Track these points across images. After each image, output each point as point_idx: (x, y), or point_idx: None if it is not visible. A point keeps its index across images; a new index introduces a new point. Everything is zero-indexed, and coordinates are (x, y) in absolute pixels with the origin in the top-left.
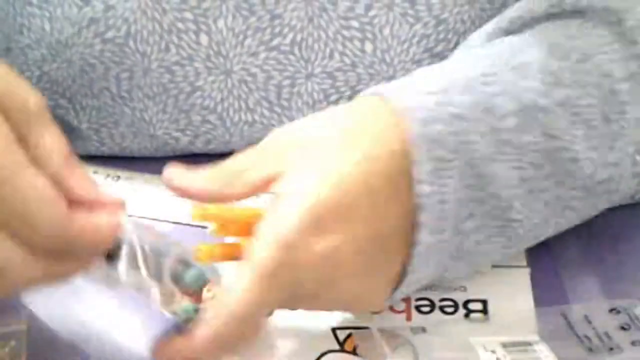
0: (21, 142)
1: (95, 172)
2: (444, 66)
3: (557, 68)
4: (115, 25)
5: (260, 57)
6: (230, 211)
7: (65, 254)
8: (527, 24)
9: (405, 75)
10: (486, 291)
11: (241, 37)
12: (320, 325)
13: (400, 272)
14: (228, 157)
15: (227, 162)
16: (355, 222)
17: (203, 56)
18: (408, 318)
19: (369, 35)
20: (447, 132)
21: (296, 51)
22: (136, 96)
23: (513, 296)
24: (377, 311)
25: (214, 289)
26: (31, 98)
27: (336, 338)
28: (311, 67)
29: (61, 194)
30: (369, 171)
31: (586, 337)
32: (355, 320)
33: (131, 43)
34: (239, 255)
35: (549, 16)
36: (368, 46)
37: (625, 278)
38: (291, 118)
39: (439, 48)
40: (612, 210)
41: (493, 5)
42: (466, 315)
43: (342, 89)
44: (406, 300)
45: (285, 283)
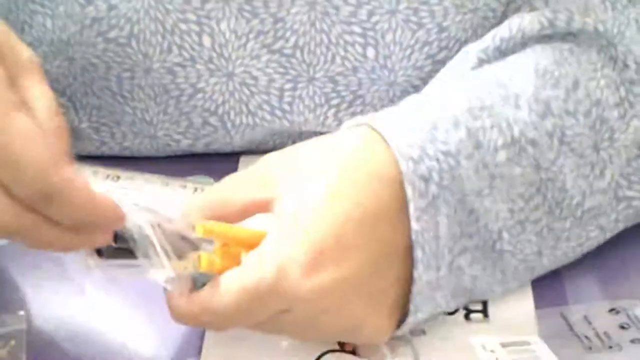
0: (12, 88)
1: (95, 172)
2: (433, 99)
3: (547, 97)
4: (118, 24)
5: (262, 60)
6: (233, 230)
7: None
8: (519, 45)
9: (406, 80)
10: None
11: (244, 40)
12: None
13: (399, 306)
14: (229, 157)
15: (220, 185)
16: (350, 261)
17: (205, 58)
18: None
19: (371, 40)
20: (438, 170)
21: (298, 55)
22: (137, 96)
23: (513, 297)
24: (380, 341)
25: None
26: (25, 52)
27: None
28: (313, 71)
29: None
30: (365, 208)
31: (586, 337)
32: None
33: (133, 43)
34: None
35: (541, 38)
36: (370, 51)
37: (625, 278)
38: (292, 121)
39: (441, 55)
40: None
41: (495, 13)
42: (466, 316)
43: (344, 94)
44: None
45: (272, 305)
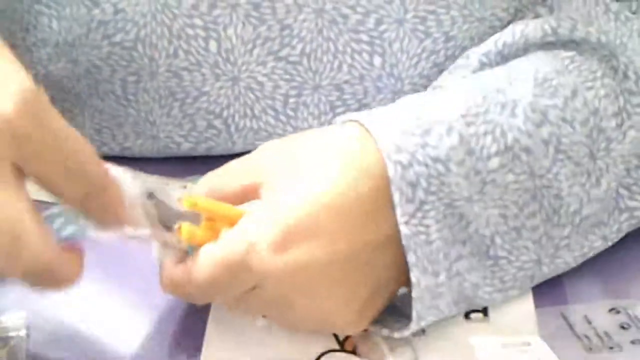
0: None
1: None
2: (429, 101)
3: (544, 106)
4: (124, 28)
5: (268, 66)
6: (218, 206)
7: None
8: (521, 50)
9: (412, 89)
10: None
11: (250, 46)
12: None
13: (375, 306)
14: (228, 159)
15: (214, 172)
16: (322, 245)
17: (211, 62)
18: None
19: (378, 49)
20: (427, 175)
21: (305, 62)
22: (142, 99)
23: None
24: (351, 334)
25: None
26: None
27: (336, 338)
28: (319, 79)
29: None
30: (347, 198)
31: (586, 337)
32: None
33: (139, 47)
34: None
35: (543, 45)
36: (377, 60)
37: (625, 277)
38: (296, 127)
39: (448, 64)
40: None
41: (502, 23)
42: (466, 315)
43: (349, 102)
44: None
45: (246, 277)
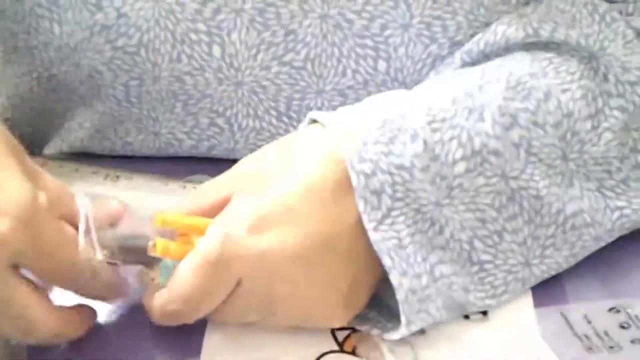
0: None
1: (94, 173)
2: (397, 105)
3: (515, 109)
4: (127, 33)
5: (272, 71)
6: (189, 219)
7: None
8: (502, 50)
9: None
10: None
11: (254, 51)
12: None
13: (356, 304)
14: (228, 163)
15: (194, 191)
16: (296, 228)
17: (214, 67)
18: None
19: (383, 54)
20: (391, 183)
21: (309, 67)
22: (144, 100)
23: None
24: (336, 327)
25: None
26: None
27: (335, 339)
28: (322, 84)
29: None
30: (323, 187)
31: (586, 337)
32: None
33: (142, 52)
34: None
35: (524, 45)
36: (381, 65)
37: (625, 276)
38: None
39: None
40: None
41: None
42: (465, 315)
43: None
44: None
45: (227, 275)
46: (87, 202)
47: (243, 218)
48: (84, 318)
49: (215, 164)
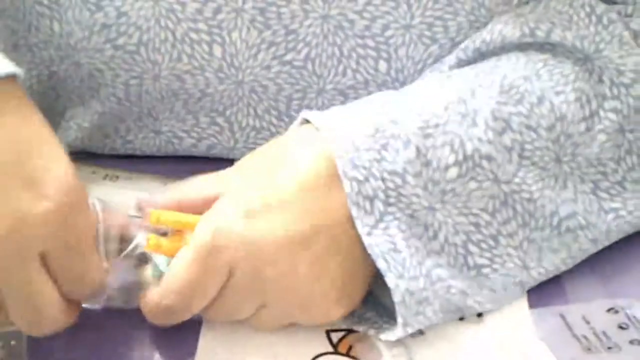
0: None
1: (94, 173)
2: (391, 110)
3: (508, 114)
4: (127, 32)
5: (272, 71)
6: (182, 217)
7: None
8: (498, 49)
9: None
10: None
11: (255, 50)
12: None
13: (351, 303)
14: (228, 163)
15: (179, 184)
16: (288, 216)
17: (215, 67)
18: None
19: (384, 54)
20: (384, 189)
21: (309, 66)
22: (144, 98)
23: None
24: (329, 321)
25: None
26: None
27: (329, 340)
28: (323, 83)
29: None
30: (315, 179)
31: (584, 337)
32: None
33: (142, 51)
34: None
35: (520, 45)
36: (382, 65)
37: (624, 277)
38: None
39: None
40: None
41: None
42: (461, 317)
43: None
44: None
45: (219, 266)
46: (99, 210)
47: (235, 211)
48: (79, 307)
49: (215, 164)
